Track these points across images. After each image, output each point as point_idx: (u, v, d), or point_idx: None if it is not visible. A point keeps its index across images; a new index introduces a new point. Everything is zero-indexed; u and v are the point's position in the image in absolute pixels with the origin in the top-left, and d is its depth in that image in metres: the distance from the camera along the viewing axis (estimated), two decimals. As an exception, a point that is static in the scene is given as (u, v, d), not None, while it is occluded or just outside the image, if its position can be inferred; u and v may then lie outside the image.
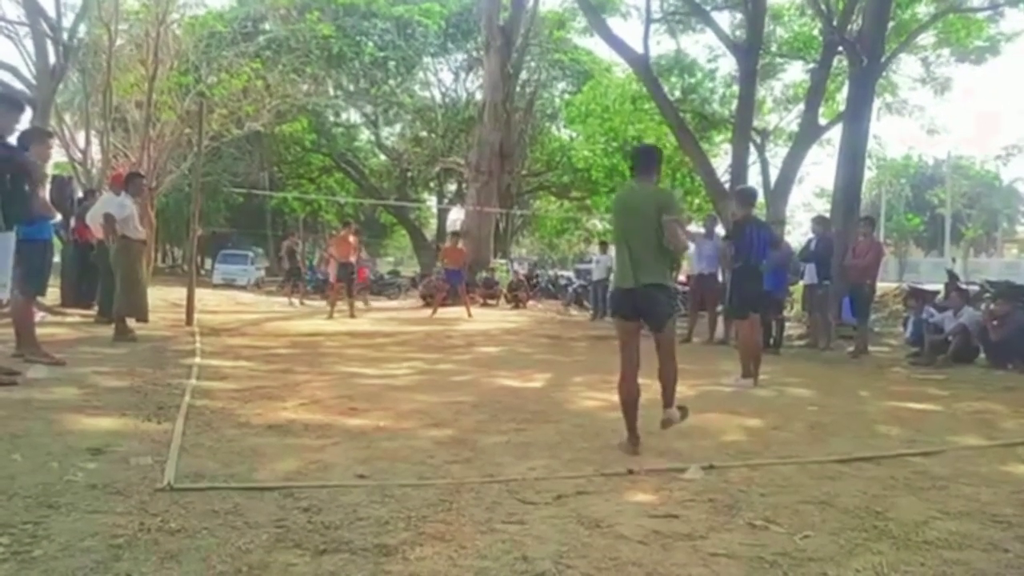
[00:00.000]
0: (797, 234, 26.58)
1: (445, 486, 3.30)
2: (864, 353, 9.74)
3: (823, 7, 14.14)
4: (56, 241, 8.11)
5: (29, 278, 5.96)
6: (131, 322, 8.07)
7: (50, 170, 11.12)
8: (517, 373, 7.16)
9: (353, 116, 32.89)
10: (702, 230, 11.32)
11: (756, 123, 18.86)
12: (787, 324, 11.18)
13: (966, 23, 16.39)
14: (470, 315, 14.70)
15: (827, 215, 12.02)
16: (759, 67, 16.90)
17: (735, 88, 18.49)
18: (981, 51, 17.10)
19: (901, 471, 3.82)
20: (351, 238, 14.54)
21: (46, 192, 7.49)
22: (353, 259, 14.52)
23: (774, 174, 16.80)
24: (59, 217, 9.21)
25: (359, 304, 17.15)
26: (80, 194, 11.81)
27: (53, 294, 10.46)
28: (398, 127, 34.00)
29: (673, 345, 4.36)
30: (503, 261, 25.43)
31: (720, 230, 11.33)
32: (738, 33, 17.86)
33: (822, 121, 16.62)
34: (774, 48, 19.61)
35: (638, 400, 4.15)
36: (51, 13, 14.48)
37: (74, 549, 2.44)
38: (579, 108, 25.53)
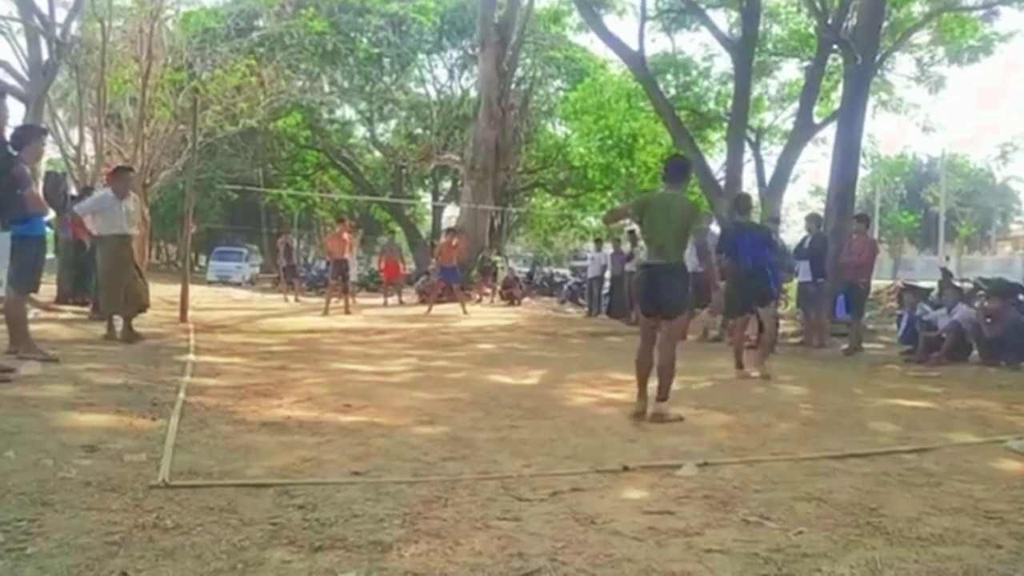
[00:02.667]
0: (792, 232, 26.62)
1: (440, 483, 3.30)
2: (858, 351, 9.76)
3: (818, 5, 14.17)
4: (51, 237, 8.01)
5: (21, 274, 5.94)
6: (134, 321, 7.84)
7: (43, 167, 11.13)
8: (512, 370, 7.17)
9: (348, 113, 32.86)
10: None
11: (751, 121, 18.91)
12: (781, 322, 11.19)
13: (960, 22, 16.44)
14: (465, 312, 14.71)
15: (821, 213, 12.04)
16: (754, 65, 16.93)
17: (730, 86, 18.52)
18: (975, 50, 17.16)
19: (895, 468, 3.83)
20: (346, 235, 14.55)
21: (39, 188, 7.46)
22: (348, 256, 14.53)
23: (769, 172, 16.85)
24: (53, 214, 9.14)
25: (392, 300, 17.24)
26: (74, 191, 11.78)
27: (49, 291, 10.45)
28: (393, 124, 33.94)
29: (675, 331, 5.16)
30: (499, 258, 25.41)
31: (716, 228, 11.35)
32: (734, 31, 17.88)
33: (817, 119, 16.65)
34: (769, 46, 19.64)
35: (649, 369, 4.96)
36: (44, 9, 14.42)
37: (69, 546, 2.43)
38: (574, 105, 25.53)
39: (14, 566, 2.28)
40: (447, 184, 34.70)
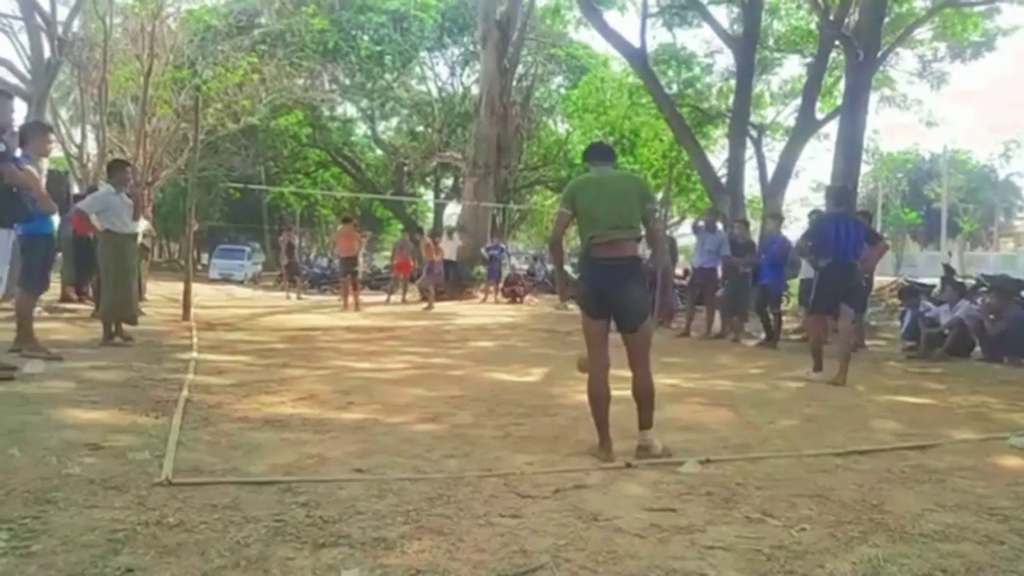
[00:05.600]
0: (795, 228, 26.60)
1: (443, 480, 3.30)
2: (860, 347, 9.74)
3: (820, 1, 14.15)
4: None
5: (30, 273, 5.94)
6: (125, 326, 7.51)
7: (46, 165, 11.14)
8: (514, 367, 7.16)
9: (349, 110, 32.83)
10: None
11: (753, 117, 18.90)
12: (784, 318, 11.19)
13: (962, 18, 16.42)
14: (471, 304, 14.73)
15: (824, 209, 12.02)
16: (756, 61, 16.92)
17: (732, 83, 18.51)
18: (977, 46, 17.14)
19: (897, 464, 3.83)
20: (356, 233, 14.78)
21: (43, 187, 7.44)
22: (357, 253, 14.71)
23: (771, 168, 16.83)
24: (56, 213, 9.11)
25: (395, 297, 17.25)
26: (77, 190, 11.79)
27: (53, 288, 10.45)
28: (394, 121, 33.93)
29: (644, 350, 4.18)
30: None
31: (720, 225, 11.31)
32: (735, 27, 17.86)
33: (819, 115, 16.63)
34: (771, 42, 19.63)
35: (608, 402, 4.09)
36: (46, 7, 14.44)
37: (73, 544, 2.44)
38: (576, 102, 25.52)
39: (18, 564, 2.29)
40: (448, 181, 34.67)
